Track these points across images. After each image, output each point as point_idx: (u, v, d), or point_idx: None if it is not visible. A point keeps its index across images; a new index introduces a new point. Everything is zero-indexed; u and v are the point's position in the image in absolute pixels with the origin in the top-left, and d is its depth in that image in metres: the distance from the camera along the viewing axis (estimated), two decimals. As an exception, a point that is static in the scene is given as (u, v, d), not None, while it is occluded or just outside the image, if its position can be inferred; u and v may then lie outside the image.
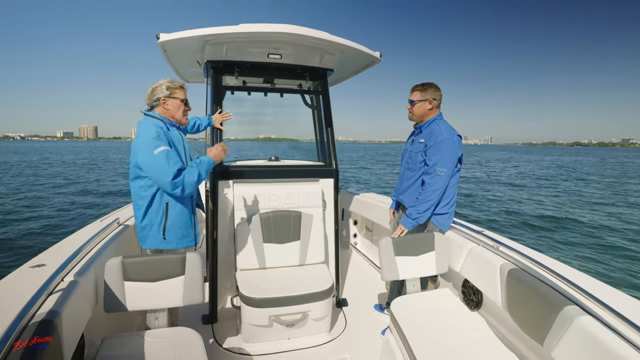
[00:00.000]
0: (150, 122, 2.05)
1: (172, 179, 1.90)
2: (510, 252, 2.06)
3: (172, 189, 1.93)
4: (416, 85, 2.52)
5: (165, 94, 2.10)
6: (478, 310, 2.36)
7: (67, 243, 2.09)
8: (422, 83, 2.51)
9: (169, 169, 1.90)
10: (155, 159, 1.89)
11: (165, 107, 2.12)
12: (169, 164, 1.90)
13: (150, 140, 1.92)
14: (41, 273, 1.58)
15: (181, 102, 2.16)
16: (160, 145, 1.91)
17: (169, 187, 1.92)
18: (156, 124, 2.03)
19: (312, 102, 3.47)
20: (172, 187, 1.92)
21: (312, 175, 2.92)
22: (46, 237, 8.54)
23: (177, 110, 2.15)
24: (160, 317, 1.88)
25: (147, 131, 1.97)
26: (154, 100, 2.11)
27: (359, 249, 4.29)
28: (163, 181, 1.91)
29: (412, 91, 2.53)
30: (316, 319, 2.37)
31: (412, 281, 2.35)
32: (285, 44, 2.55)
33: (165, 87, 2.10)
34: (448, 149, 2.30)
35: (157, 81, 2.14)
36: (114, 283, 1.75)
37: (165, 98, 2.10)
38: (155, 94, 2.10)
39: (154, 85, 2.13)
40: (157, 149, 1.90)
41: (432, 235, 2.34)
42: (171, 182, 1.90)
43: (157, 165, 1.89)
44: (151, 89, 2.12)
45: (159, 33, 2.33)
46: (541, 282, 1.71)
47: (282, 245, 2.61)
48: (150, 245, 2.09)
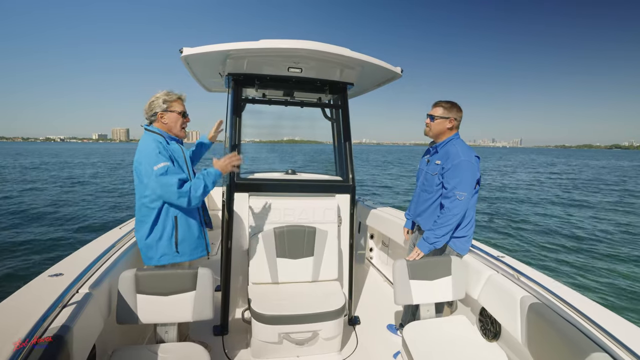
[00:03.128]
0: (151, 137, 2.05)
1: (177, 188, 1.89)
2: (532, 283, 1.95)
3: (177, 198, 1.91)
4: (440, 101, 2.44)
5: (162, 107, 2.10)
6: (497, 341, 2.25)
7: (85, 252, 2.16)
8: (447, 100, 2.43)
9: (172, 180, 1.90)
10: (156, 175, 1.90)
11: (163, 122, 2.13)
12: (171, 177, 1.90)
13: (151, 157, 1.94)
14: (58, 283, 1.62)
15: (179, 115, 2.15)
16: (160, 162, 1.92)
17: (174, 197, 1.91)
18: (156, 139, 2.04)
19: (331, 115, 3.46)
20: (178, 197, 1.91)
21: (329, 191, 2.89)
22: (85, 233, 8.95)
23: (174, 123, 2.15)
24: (170, 330, 1.90)
25: (148, 147, 1.98)
26: (151, 115, 2.11)
27: (375, 263, 4.21)
28: (168, 194, 1.90)
29: (435, 106, 2.44)
30: (327, 338, 2.32)
31: (426, 306, 2.27)
32: (305, 59, 2.56)
33: (162, 100, 2.10)
34: (467, 172, 2.21)
35: (155, 94, 2.14)
36: (126, 295, 1.78)
37: (163, 112, 2.10)
38: (152, 108, 2.10)
39: (151, 99, 2.13)
40: (157, 165, 1.91)
41: (449, 259, 2.26)
42: (177, 192, 1.89)
43: (159, 181, 1.90)
44: (148, 104, 2.12)
45: (182, 47, 2.38)
46: (566, 322, 1.60)
47: (296, 261, 2.59)
48: (163, 260, 2.08)
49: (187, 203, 1.94)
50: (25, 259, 6.99)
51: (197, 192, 1.96)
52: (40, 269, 1.84)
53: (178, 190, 1.90)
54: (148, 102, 2.14)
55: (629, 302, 6.00)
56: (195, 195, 1.96)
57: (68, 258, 2.04)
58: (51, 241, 8.24)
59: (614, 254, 8.53)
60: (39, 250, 7.56)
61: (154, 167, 1.90)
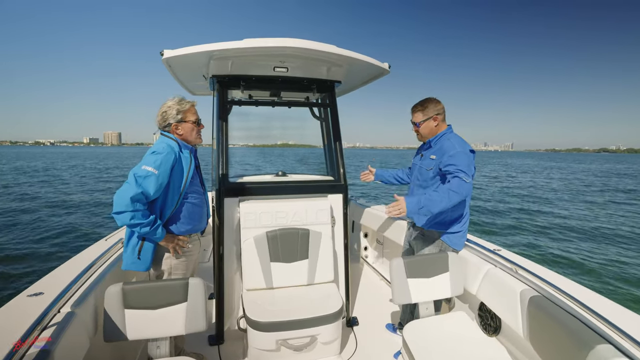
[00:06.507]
0: (166, 141, 2.03)
1: (131, 196, 1.77)
2: (531, 276, 1.93)
3: (120, 207, 1.77)
4: (414, 105, 2.43)
5: (176, 119, 2.05)
6: (497, 336, 2.23)
7: (68, 267, 2.06)
8: (420, 102, 2.42)
9: (136, 187, 1.80)
10: (134, 172, 1.84)
11: (178, 132, 2.09)
12: (139, 183, 1.81)
13: (152, 156, 1.90)
14: (38, 303, 1.53)
15: (193, 125, 2.11)
16: (151, 165, 1.86)
17: (121, 203, 1.77)
18: (169, 144, 2.01)
19: (320, 114, 3.41)
20: (122, 206, 1.76)
21: (321, 191, 2.84)
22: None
23: (190, 133, 2.12)
24: (162, 345, 1.82)
25: (158, 148, 1.95)
26: (165, 125, 2.07)
27: (370, 262, 4.18)
28: (122, 194, 1.78)
29: (413, 112, 2.44)
30: (325, 342, 2.27)
31: (425, 304, 2.23)
32: (291, 57, 2.50)
33: (175, 111, 2.05)
34: (465, 160, 2.16)
35: (165, 101, 2.08)
36: (113, 311, 1.69)
37: (177, 123, 2.06)
38: (165, 119, 2.06)
39: (163, 108, 2.07)
40: (147, 166, 1.85)
41: (446, 256, 2.23)
42: (129, 198, 1.77)
43: (130, 178, 1.83)
44: (161, 114, 2.07)
45: (163, 50, 2.30)
46: (568, 314, 1.58)
47: (290, 264, 2.53)
48: (126, 265, 2.01)
49: (121, 219, 1.80)
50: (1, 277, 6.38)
51: (140, 229, 1.84)
52: (20, 288, 1.74)
53: (130, 197, 1.77)
54: (160, 111, 2.08)
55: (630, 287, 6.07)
56: (136, 221, 1.81)
57: (50, 274, 1.94)
58: (34, 255, 7.68)
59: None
60: (17, 267, 6.94)
61: (142, 166, 1.85)
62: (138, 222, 1.82)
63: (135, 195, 1.79)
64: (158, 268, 2.13)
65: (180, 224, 2.10)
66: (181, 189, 2.04)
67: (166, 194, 2.00)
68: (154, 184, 1.86)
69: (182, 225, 2.11)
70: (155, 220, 1.92)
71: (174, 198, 2.03)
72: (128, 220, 1.79)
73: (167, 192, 1.99)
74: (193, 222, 2.17)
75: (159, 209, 2.00)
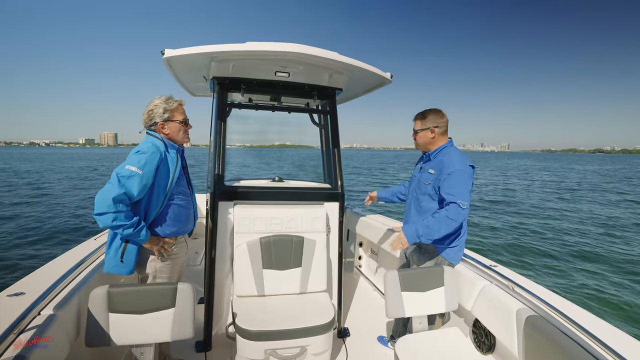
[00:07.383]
0: (152, 140, 1.97)
1: (113, 196, 1.72)
2: (527, 294, 1.90)
3: (101, 208, 1.72)
4: (418, 113, 2.43)
5: (163, 117, 2.00)
6: (491, 354, 2.18)
7: (53, 267, 2.00)
8: (423, 111, 2.41)
9: (119, 187, 1.75)
10: (117, 172, 1.78)
11: (165, 132, 2.03)
12: (122, 184, 1.76)
13: (136, 155, 1.85)
14: (17, 304, 1.47)
15: (180, 124, 2.06)
16: (134, 165, 1.81)
17: (103, 203, 1.72)
18: (155, 143, 1.95)
19: (319, 121, 3.38)
20: (104, 207, 1.71)
21: (317, 199, 2.80)
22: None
23: (176, 133, 2.06)
24: (147, 352, 1.76)
25: (143, 147, 1.90)
26: (151, 124, 2.01)
27: (364, 272, 4.13)
28: (104, 194, 1.73)
29: (414, 120, 2.44)
30: (316, 353, 2.22)
31: (419, 318, 2.19)
32: (293, 63, 2.48)
33: (162, 109, 1.99)
34: (463, 182, 2.14)
35: (152, 99, 2.03)
36: (98, 314, 1.64)
37: (163, 122, 2.01)
38: (152, 117, 2.00)
39: (150, 106, 2.01)
40: (131, 166, 1.80)
41: (442, 270, 2.19)
42: (111, 199, 1.71)
43: (113, 178, 1.78)
44: (147, 112, 2.01)
45: (164, 49, 2.27)
46: (565, 336, 1.54)
47: (283, 272, 2.48)
48: (108, 268, 1.95)
49: (103, 221, 1.75)
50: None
51: (123, 231, 1.79)
52: (0, 287, 1.67)
53: (112, 198, 1.72)
54: (146, 109, 2.02)
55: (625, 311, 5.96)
56: (118, 222, 1.75)
57: (33, 274, 1.88)
58: (20, 256, 7.35)
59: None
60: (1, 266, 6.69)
61: (125, 166, 1.80)
62: (120, 223, 1.76)
63: (118, 195, 1.74)
64: (142, 271, 2.07)
65: (165, 225, 2.05)
66: (167, 190, 1.98)
67: (151, 195, 1.94)
68: (138, 185, 1.81)
69: (168, 227, 2.06)
70: (139, 222, 1.87)
71: (159, 199, 1.97)
72: (110, 221, 1.74)
73: (152, 192, 1.94)
74: (179, 224, 2.12)
75: (143, 210, 1.94)
